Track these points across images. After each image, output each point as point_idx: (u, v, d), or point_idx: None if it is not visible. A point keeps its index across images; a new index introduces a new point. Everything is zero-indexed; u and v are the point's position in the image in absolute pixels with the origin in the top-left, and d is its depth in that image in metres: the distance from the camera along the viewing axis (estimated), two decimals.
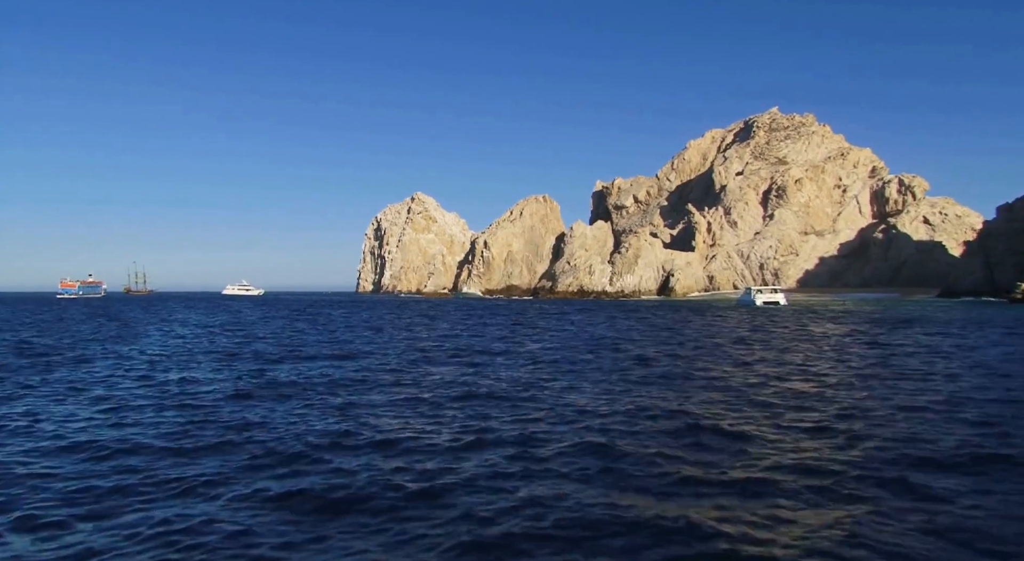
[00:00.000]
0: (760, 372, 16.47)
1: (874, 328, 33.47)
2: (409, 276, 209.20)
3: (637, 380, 15.19)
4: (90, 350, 23.86)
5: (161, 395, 13.53)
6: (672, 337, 28.57)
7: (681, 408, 11.59)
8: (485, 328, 36.32)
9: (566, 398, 12.84)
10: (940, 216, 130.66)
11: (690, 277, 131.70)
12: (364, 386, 14.53)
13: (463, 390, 13.80)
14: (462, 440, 9.35)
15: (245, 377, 16.18)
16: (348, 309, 70.89)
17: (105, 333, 33.51)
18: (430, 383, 14.97)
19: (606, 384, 14.66)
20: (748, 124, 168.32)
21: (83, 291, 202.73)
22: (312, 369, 17.62)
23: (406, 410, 11.76)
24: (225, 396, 13.33)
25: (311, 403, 12.42)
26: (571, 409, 11.66)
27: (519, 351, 22.66)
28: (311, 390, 13.99)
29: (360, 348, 24.08)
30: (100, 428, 10.36)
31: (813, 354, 20.86)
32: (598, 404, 12.10)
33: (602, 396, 13.04)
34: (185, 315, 56.14)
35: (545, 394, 13.36)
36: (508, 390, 13.89)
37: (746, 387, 14.01)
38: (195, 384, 15.09)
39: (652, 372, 16.59)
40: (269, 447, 8.96)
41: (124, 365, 19.04)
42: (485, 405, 12.15)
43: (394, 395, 13.29)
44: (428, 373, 16.81)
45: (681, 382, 14.90)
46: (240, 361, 19.97)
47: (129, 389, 14.46)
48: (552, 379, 15.55)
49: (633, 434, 9.67)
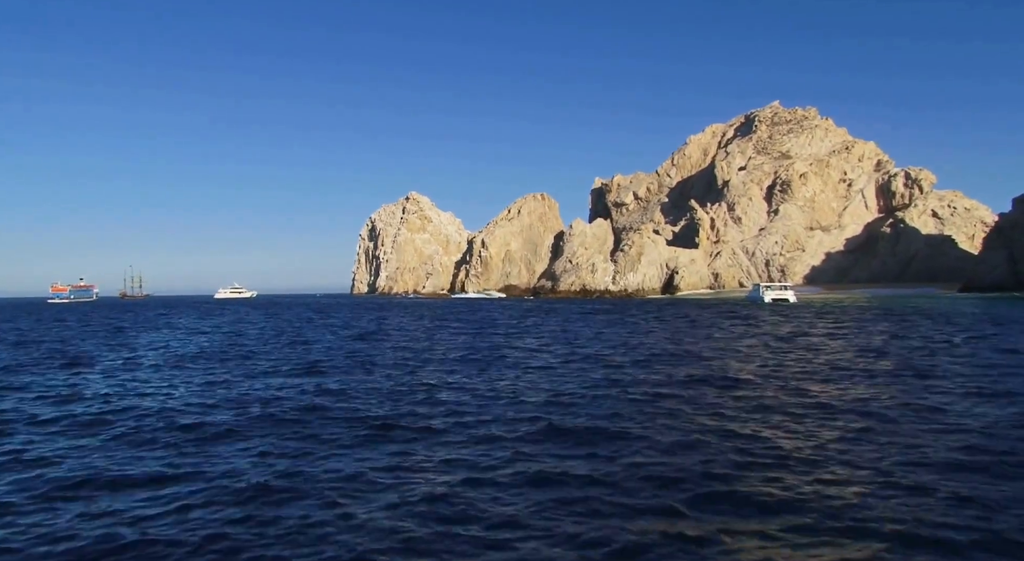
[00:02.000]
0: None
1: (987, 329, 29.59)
2: (405, 277, 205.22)
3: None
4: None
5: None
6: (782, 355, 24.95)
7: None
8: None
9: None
10: (949, 209, 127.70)
11: (694, 275, 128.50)
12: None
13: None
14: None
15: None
16: (371, 315, 57.73)
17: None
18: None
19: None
20: (749, 118, 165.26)
21: (74, 295, 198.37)
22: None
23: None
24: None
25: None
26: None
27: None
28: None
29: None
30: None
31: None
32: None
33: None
34: (152, 340, 32.10)
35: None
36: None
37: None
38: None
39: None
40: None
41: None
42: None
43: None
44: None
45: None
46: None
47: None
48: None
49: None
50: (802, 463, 7.75)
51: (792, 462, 7.81)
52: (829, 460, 7.88)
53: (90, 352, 24.52)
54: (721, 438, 9.06)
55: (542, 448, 8.73)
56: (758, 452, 8.25)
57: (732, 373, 15.61)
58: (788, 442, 8.79)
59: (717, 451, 8.35)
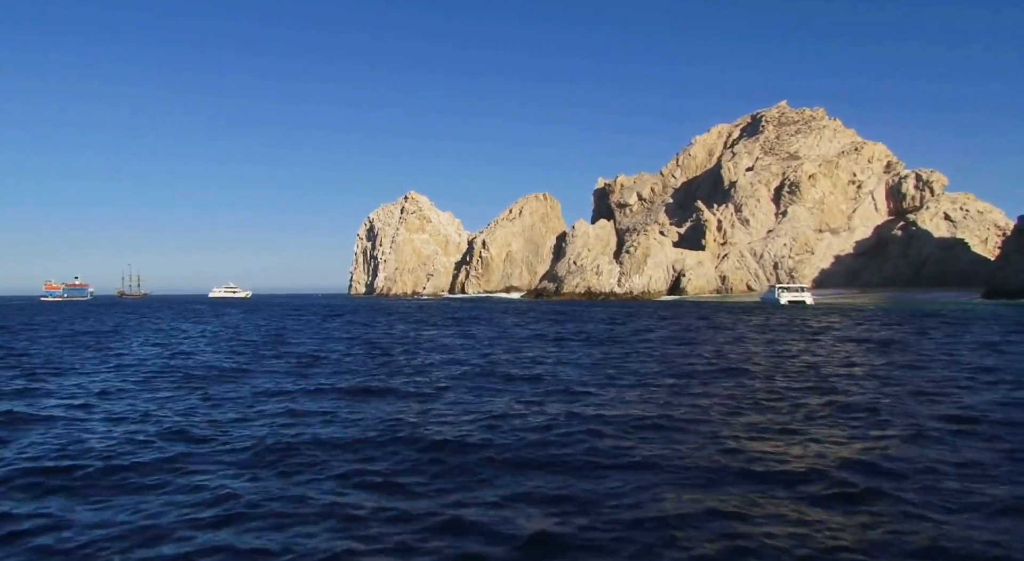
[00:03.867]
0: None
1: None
2: (404, 278, 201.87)
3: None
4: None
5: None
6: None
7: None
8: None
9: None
10: (961, 212, 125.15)
11: (701, 277, 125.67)
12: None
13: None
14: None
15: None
16: (402, 325, 42.88)
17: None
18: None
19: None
20: (756, 118, 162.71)
21: (68, 294, 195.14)
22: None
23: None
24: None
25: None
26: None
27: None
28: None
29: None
30: None
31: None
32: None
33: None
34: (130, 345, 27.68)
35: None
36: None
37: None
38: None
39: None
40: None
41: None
42: None
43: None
44: None
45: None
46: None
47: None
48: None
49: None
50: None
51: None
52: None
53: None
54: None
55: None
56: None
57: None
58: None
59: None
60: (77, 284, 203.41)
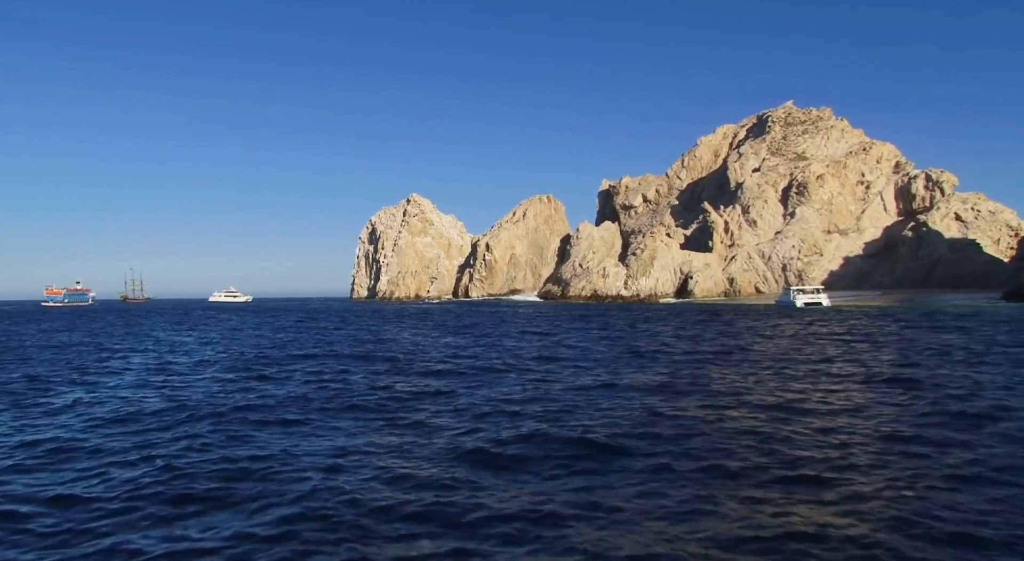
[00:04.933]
0: None
1: None
2: (407, 281, 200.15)
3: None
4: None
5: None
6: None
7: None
8: None
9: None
10: (972, 212, 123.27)
11: (709, 279, 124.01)
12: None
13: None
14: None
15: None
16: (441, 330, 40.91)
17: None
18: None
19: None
20: (762, 119, 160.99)
21: (69, 299, 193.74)
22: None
23: None
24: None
25: None
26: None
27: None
28: None
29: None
30: None
31: None
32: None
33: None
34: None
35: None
36: None
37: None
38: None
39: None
40: None
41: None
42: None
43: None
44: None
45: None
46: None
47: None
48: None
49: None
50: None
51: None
52: None
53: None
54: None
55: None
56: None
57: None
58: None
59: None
60: (78, 289, 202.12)
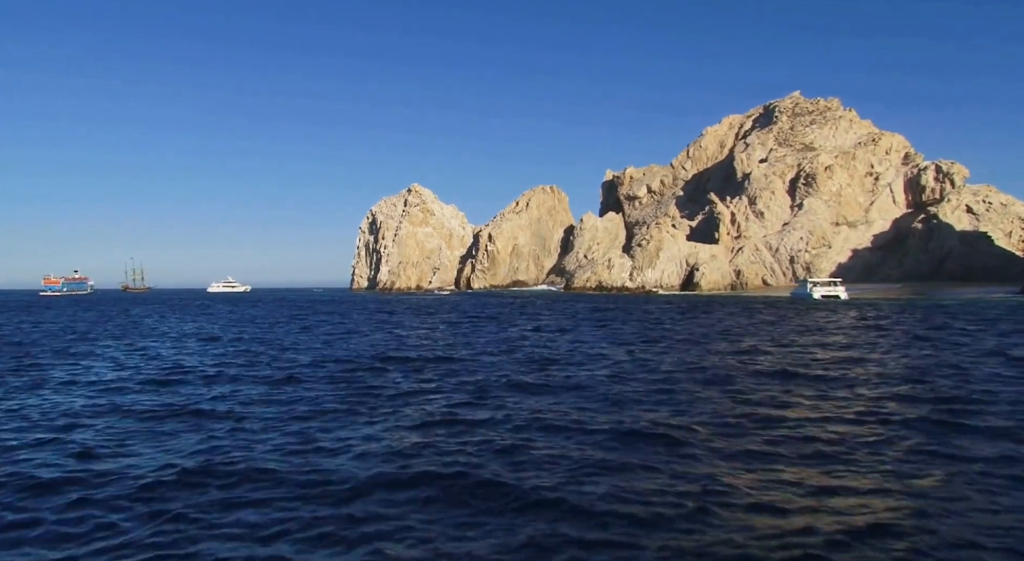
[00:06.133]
0: None
1: None
2: (408, 272, 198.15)
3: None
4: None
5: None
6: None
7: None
8: None
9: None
10: (984, 205, 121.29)
11: (716, 271, 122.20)
12: None
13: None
14: None
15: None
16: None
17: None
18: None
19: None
20: (769, 109, 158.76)
21: (67, 288, 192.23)
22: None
23: None
24: None
25: None
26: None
27: None
28: None
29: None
30: None
31: None
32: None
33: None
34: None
35: None
36: None
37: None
38: None
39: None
40: None
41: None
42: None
43: None
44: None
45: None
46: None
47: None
48: None
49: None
50: None
51: None
52: None
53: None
54: None
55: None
56: None
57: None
58: None
59: None
60: (76, 278, 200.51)
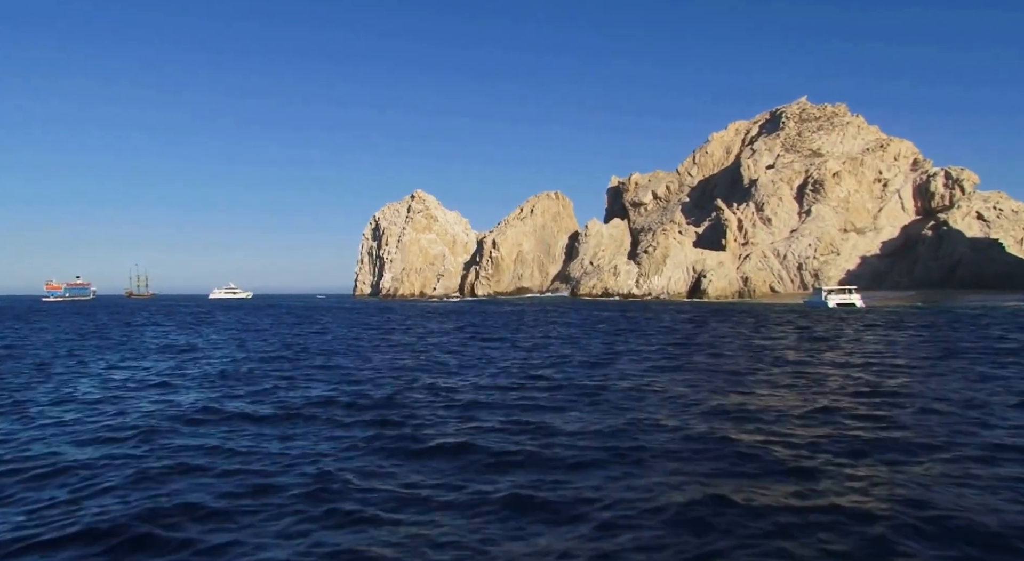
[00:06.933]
0: None
1: None
2: (411, 278, 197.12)
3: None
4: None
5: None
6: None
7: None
8: None
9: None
10: (995, 211, 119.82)
11: (723, 278, 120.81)
12: None
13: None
14: None
15: None
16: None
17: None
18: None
19: None
20: (775, 115, 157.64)
21: (70, 293, 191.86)
22: None
23: None
24: None
25: None
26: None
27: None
28: None
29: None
30: None
31: None
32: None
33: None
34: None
35: None
36: None
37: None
38: None
39: None
40: None
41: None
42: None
43: None
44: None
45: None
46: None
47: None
48: None
49: None
50: None
51: None
52: None
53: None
54: None
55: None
56: None
57: None
58: None
59: None
60: (79, 283, 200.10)
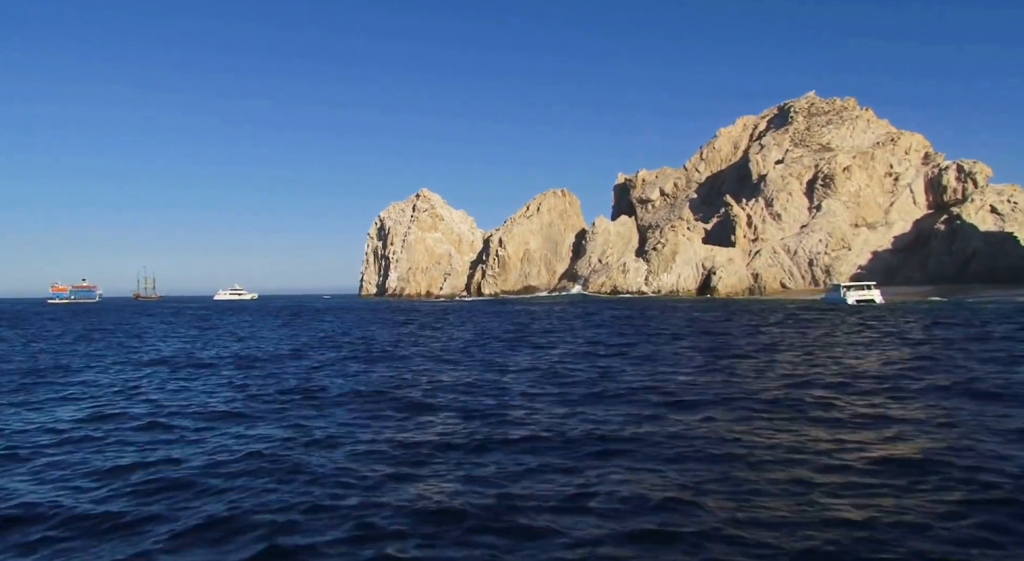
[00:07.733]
0: None
1: None
2: (417, 278, 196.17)
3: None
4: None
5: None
6: None
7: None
8: None
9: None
10: (1009, 205, 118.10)
11: (733, 275, 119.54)
12: None
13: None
14: None
15: None
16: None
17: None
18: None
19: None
20: (783, 109, 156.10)
21: (75, 295, 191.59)
22: None
23: None
24: None
25: None
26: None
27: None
28: None
29: None
30: None
31: None
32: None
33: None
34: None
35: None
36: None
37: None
38: None
39: None
40: None
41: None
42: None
43: None
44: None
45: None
46: None
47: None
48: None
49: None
50: None
51: None
52: None
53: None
54: None
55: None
56: None
57: None
58: None
59: None
60: (84, 286, 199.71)
